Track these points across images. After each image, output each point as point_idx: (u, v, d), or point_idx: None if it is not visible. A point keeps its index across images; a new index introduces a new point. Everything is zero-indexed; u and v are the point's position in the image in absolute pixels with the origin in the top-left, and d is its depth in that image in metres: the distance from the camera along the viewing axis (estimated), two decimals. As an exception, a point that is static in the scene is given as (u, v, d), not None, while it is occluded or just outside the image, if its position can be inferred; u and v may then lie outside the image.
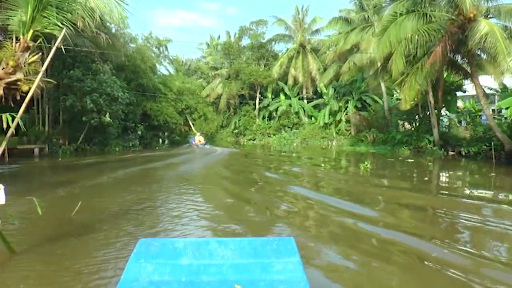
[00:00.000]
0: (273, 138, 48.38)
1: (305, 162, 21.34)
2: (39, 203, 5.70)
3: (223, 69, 55.10)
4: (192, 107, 40.08)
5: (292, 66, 49.21)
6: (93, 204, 8.80)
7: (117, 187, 12.12)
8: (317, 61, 49.46)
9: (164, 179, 14.00)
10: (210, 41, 63.28)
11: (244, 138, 52.02)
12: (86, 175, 14.52)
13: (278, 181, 13.63)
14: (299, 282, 2.65)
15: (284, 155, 27.87)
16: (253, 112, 52.73)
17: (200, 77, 64.60)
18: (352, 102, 42.98)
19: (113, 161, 21.85)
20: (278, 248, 2.93)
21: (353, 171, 16.64)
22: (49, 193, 10.14)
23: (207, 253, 2.89)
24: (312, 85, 50.95)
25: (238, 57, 52.48)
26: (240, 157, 25.43)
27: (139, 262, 2.79)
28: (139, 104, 32.90)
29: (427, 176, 15.84)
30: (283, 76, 50.68)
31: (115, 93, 26.30)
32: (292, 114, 48.89)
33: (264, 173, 15.91)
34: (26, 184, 12.36)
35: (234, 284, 2.61)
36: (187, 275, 2.72)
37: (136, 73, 32.41)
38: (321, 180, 14.21)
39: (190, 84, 47.06)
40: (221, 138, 57.10)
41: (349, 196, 10.52)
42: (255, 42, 52.31)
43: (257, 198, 10.28)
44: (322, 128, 44.36)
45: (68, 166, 18.88)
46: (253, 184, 13.19)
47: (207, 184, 13.23)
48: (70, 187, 11.36)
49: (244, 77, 49.29)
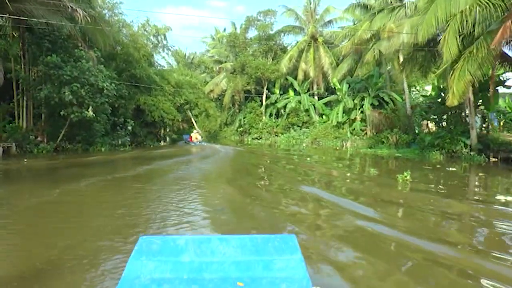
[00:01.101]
0: (280, 137, 44.62)
1: (324, 168, 17.61)
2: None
3: (227, 63, 51.44)
4: (192, 102, 36.25)
5: (303, 59, 45.43)
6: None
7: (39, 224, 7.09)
8: (330, 54, 45.66)
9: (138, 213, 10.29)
10: (215, 34, 59.59)
11: (249, 137, 48.32)
12: (21, 191, 10.74)
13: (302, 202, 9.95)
14: (301, 279, 2.62)
15: (294, 158, 24.25)
16: (259, 109, 48.99)
17: (204, 71, 61.07)
18: (368, 99, 39.08)
19: (88, 164, 18.21)
20: (280, 245, 2.88)
21: (388, 183, 12.87)
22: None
23: (209, 251, 2.83)
24: (324, 81, 47.23)
25: (244, 49, 48.74)
26: (247, 160, 21.81)
27: (140, 260, 2.75)
28: (132, 97, 29.28)
29: (502, 194, 11.90)
30: (293, 70, 46.94)
31: (100, 83, 22.64)
32: (301, 112, 45.07)
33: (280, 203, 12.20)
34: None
35: (236, 282, 2.58)
36: (188, 273, 2.69)
37: (128, 63, 28.79)
38: (371, 202, 10.51)
39: (191, 76, 43.26)
40: (225, 136, 53.49)
41: (424, 234, 6.72)
42: (263, 33, 48.51)
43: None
44: (335, 127, 40.52)
45: (18, 172, 15.31)
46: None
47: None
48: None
49: (250, 71, 45.55)
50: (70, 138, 24.55)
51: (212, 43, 57.24)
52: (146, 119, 30.03)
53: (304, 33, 47.64)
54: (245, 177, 14.16)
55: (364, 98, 39.57)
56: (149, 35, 34.49)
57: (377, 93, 39.52)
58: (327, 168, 17.28)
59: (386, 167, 18.00)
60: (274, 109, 47.67)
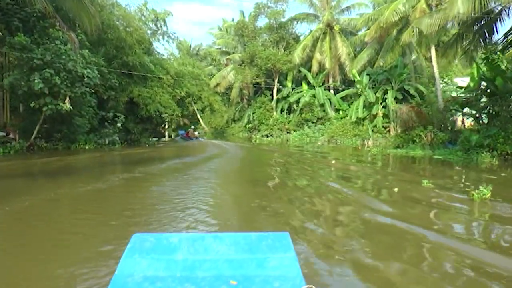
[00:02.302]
0: (293, 134, 40.58)
1: (359, 182, 13.62)
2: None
3: (235, 54, 47.50)
4: (194, 95, 32.24)
5: (318, 49, 41.33)
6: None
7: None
8: (347, 44, 41.54)
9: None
10: (222, 24, 55.61)
11: (259, 134, 44.35)
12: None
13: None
14: (294, 277, 2.60)
15: (310, 157, 20.31)
16: (270, 103, 44.99)
17: (210, 64, 57.20)
18: (392, 93, 34.96)
19: (49, 169, 14.41)
20: (274, 243, 2.86)
21: (466, 206, 8.82)
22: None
23: (202, 248, 2.79)
24: (340, 73, 43.12)
25: (254, 39, 44.72)
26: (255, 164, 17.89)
27: (133, 257, 2.69)
28: (124, 89, 25.44)
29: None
30: (306, 61, 42.88)
31: (79, 69, 18.81)
32: (316, 107, 40.97)
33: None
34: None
35: (229, 280, 2.54)
36: (182, 271, 2.64)
37: (120, 49, 24.97)
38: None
39: (193, 66, 39.20)
40: (232, 133, 49.63)
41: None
42: (274, 21, 44.39)
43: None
44: (354, 124, 36.42)
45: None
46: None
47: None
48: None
49: (260, 62, 41.57)
50: (47, 135, 20.83)
51: (219, 33, 53.27)
52: (141, 114, 26.18)
53: (319, 21, 43.50)
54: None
55: (387, 91, 35.45)
56: (147, 20, 30.62)
57: (401, 85, 35.42)
58: (364, 180, 13.31)
59: (438, 176, 13.95)
60: (286, 103, 43.62)
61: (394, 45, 30.32)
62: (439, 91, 27.75)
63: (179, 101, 29.88)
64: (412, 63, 38.08)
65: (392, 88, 35.30)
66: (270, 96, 45.31)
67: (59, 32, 18.95)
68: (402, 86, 35.39)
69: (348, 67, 40.86)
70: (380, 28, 27.73)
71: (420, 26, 21.22)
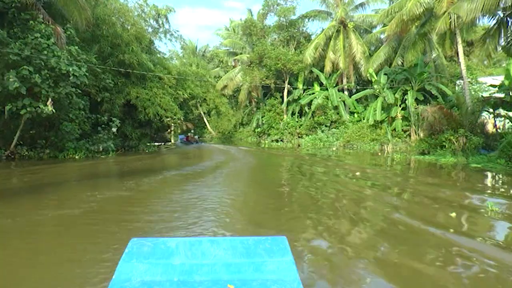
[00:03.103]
0: (305, 139, 37.94)
1: (401, 203, 10.99)
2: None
3: (243, 54, 45.06)
4: (199, 97, 29.69)
5: (331, 48, 38.69)
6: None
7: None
8: (362, 42, 38.93)
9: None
10: (230, 24, 53.27)
11: (268, 139, 41.79)
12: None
13: None
14: (292, 281, 2.60)
15: (331, 167, 17.76)
16: (280, 106, 42.40)
17: (217, 65, 54.85)
18: (412, 93, 32.26)
19: (6, 189, 12.00)
20: (271, 248, 2.86)
21: None
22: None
23: (200, 253, 2.81)
24: (355, 73, 40.48)
25: (262, 38, 42.23)
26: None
27: (131, 262, 2.71)
28: (121, 90, 23.05)
29: None
30: (319, 61, 40.27)
31: (63, 66, 16.42)
32: (329, 109, 38.31)
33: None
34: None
35: (226, 284, 2.55)
36: (179, 275, 2.66)
37: (115, 46, 22.63)
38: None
39: (197, 65, 36.68)
40: (241, 138, 47.12)
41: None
42: (284, 19, 41.85)
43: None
44: (372, 127, 33.74)
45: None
46: None
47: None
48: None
49: (269, 63, 39.05)
50: (32, 142, 18.52)
51: (226, 33, 50.88)
52: (139, 118, 23.72)
53: (331, 18, 40.92)
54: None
55: (406, 91, 32.75)
56: (147, 16, 28.28)
57: (422, 85, 32.71)
58: (411, 200, 10.72)
59: (494, 191, 11.34)
60: (297, 106, 40.99)
61: (416, 41, 27.60)
62: (467, 90, 25.05)
63: (182, 104, 27.37)
64: (433, 62, 35.44)
65: (412, 89, 32.63)
66: (280, 98, 42.78)
67: (41, 25, 16.60)
68: (422, 86, 32.71)
69: (363, 67, 38.27)
70: (401, 22, 25.06)
71: (458, 12, 18.55)
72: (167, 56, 28.44)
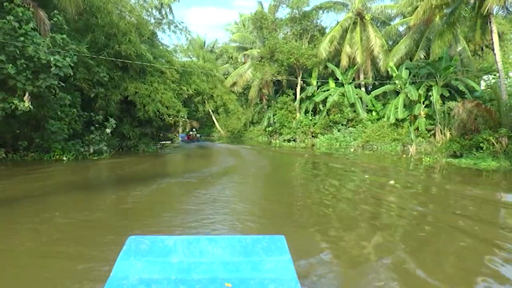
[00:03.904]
0: (320, 138, 35.45)
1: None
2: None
3: (254, 49, 42.67)
4: (205, 93, 27.27)
5: (347, 41, 36.17)
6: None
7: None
8: (380, 35, 36.29)
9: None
10: (239, 18, 50.96)
11: (280, 138, 39.37)
12: None
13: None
14: (289, 280, 2.59)
15: (356, 173, 15.32)
16: (292, 104, 39.96)
17: (227, 62, 52.55)
18: (437, 89, 29.63)
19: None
20: (269, 246, 2.84)
21: None
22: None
23: (197, 251, 2.78)
24: (372, 68, 37.84)
25: (274, 31, 39.78)
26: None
27: (128, 260, 2.68)
28: (117, 85, 20.82)
29: None
30: (334, 55, 37.79)
31: (42, 55, 14.17)
32: (346, 107, 35.74)
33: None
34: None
35: (224, 282, 2.53)
36: (177, 273, 2.63)
37: (111, 37, 20.41)
38: None
39: (203, 58, 34.26)
40: (251, 137, 44.78)
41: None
42: (296, 11, 39.33)
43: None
44: (393, 126, 31.14)
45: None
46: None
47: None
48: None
49: (281, 57, 36.63)
50: (13, 143, 16.35)
51: (236, 27, 48.56)
52: (137, 115, 21.39)
53: (347, 10, 38.39)
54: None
55: (431, 87, 30.09)
56: (149, 6, 26.06)
57: (447, 80, 30.05)
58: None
59: None
60: (310, 104, 38.50)
61: (443, 30, 24.93)
62: (503, 85, 22.43)
63: (187, 101, 25.03)
64: (458, 55, 32.73)
65: (436, 84, 29.97)
66: (292, 95, 40.30)
67: (19, 8, 14.38)
68: (448, 81, 30.06)
69: (382, 61, 35.67)
70: (429, 8, 22.49)
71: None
72: (171, 49, 25.92)
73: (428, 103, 30.44)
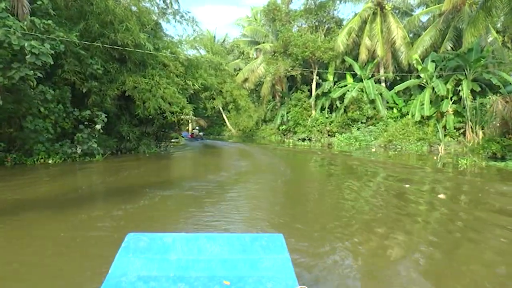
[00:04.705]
0: (338, 138, 33.00)
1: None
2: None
3: (266, 43, 40.31)
4: (213, 88, 24.88)
5: (366, 33, 33.63)
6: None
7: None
8: (402, 26, 33.64)
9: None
10: (251, 11, 48.56)
11: (294, 137, 37.01)
12: None
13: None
14: (287, 278, 2.55)
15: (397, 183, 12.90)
16: (307, 101, 37.54)
17: (238, 57, 50.25)
18: (467, 83, 26.96)
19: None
20: (267, 245, 2.81)
21: None
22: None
23: (196, 249, 2.76)
24: (393, 62, 35.22)
25: (288, 23, 37.34)
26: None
27: (127, 257, 2.66)
28: (115, 78, 18.65)
29: None
30: (352, 49, 35.30)
31: (14, 40, 11.98)
32: (365, 104, 33.26)
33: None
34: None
35: (222, 280, 2.50)
36: (175, 270, 2.60)
37: (107, 25, 18.25)
38: None
39: (211, 49, 31.79)
40: (263, 136, 42.46)
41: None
42: (312, 2, 36.87)
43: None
44: (418, 124, 28.57)
45: None
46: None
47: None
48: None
49: (296, 51, 34.22)
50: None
51: (247, 20, 46.23)
52: (139, 113, 19.17)
53: (366, 0, 35.75)
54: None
55: (460, 81, 27.43)
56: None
57: (478, 74, 27.38)
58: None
59: None
60: (326, 100, 36.06)
61: (478, 16, 22.31)
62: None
63: (192, 96, 22.75)
64: (490, 46, 29.97)
65: (466, 78, 27.29)
66: (307, 92, 37.90)
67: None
68: (479, 74, 27.39)
69: (403, 54, 33.05)
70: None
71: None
72: (175, 40, 23.62)
73: (456, 99, 27.83)
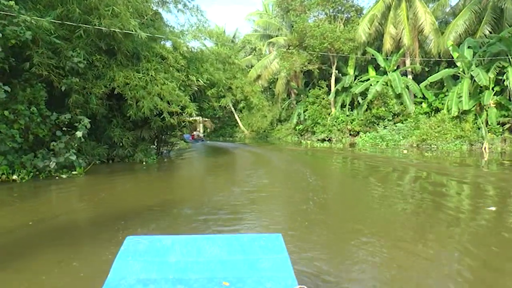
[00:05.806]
0: (362, 137, 29.76)
1: None
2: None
3: (279, 37, 37.25)
4: (221, 84, 21.78)
5: (391, 20, 30.32)
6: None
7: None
8: (430, 11, 30.20)
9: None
10: (262, 4, 45.53)
11: (313, 137, 33.84)
12: None
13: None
14: (287, 278, 2.54)
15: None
16: (326, 97, 34.30)
17: (250, 53, 47.30)
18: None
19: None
20: (266, 245, 2.81)
21: None
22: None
23: (195, 250, 2.75)
24: (421, 52, 31.82)
25: (303, 13, 34.17)
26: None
27: (126, 260, 2.65)
28: (102, 74, 15.75)
29: None
30: (374, 39, 32.06)
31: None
32: (391, 99, 29.89)
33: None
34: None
35: (222, 281, 2.50)
36: (174, 273, 2.60)
37: (92, 11, 15.36)
38: None
39: (217, 39, 28.71)
40: (279, 137, 39.39)
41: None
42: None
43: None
44: (454, 120, 25.14)
45: None
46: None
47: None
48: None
49: (313, 43, 31.04)
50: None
51: (258, 13, 43.25)
52: (131, 115, 16.23)
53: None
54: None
55: (503, 69, 23.93)
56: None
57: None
58: None
59: None
60: (347, 97, 32.79)
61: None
62: None
63: (196, 94, 19.74)
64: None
65: (511, 65, 23.78)
66: (326, 87, 34.67)
67: None
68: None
69: (432, 42, 29.62)
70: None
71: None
72: (177, 30, 20.67)
73: (498, 90, 24.38)
